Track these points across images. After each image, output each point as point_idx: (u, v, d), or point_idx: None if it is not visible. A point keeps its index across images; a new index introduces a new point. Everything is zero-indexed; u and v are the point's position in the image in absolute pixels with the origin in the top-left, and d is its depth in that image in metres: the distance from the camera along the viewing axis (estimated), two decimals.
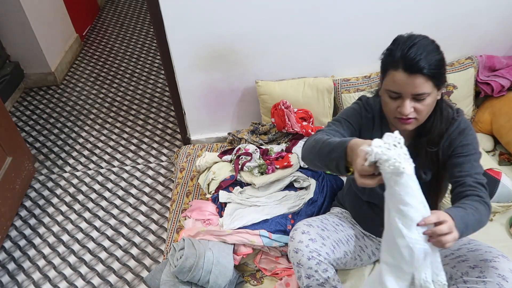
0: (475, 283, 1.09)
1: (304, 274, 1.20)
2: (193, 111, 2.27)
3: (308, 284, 1.21)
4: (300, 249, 1.21)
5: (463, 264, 1.16)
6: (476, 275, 1.10)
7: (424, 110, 1.09)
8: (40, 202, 2.30)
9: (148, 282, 1.55)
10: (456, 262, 1.19)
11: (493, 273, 1.08)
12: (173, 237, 1.71)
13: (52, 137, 2.75)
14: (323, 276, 1.20)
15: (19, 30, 2.87)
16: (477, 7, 1.95)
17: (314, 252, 1.20)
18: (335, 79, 2.09)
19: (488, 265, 1.10)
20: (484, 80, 2.04)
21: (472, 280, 1.10)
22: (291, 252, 1.24)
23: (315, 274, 1.19)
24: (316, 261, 1.20)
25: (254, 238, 1.51)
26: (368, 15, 1.92)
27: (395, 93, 1.08)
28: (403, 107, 1.07)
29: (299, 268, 1.22)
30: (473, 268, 1.13)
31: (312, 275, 1.20)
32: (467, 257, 1.17)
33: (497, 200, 1.63)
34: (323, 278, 1.20)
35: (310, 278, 1.20)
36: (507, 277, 1.06)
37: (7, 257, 2.02)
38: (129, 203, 2.26)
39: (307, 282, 1.21)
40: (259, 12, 1.88)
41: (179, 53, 1.99)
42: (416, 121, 1.11)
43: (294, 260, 1.23)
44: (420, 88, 1.04)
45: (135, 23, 4.16)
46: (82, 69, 3.47)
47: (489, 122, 2.01)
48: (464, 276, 1.13)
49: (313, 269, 1.19)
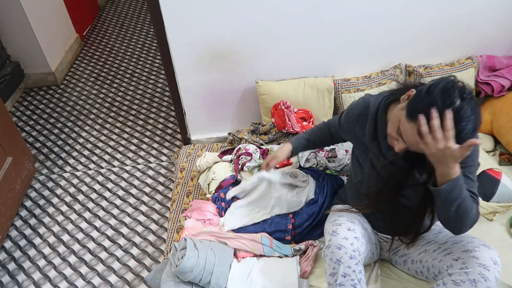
0: (459, 275, 1.10)
1: (342, 272, 1.17)
2: (193, 111, 2.27)
3: (342, 283, 1.18)
4: (344, 246, 1.19)
5: (448, 257, 1.18)
6: (459, 266, 1.12)
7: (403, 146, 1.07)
8: (41, 202, 2.30)
9: (148, 282, 1.55)
10: (443, 256, 1.20)
11: (474, 263, 1.09)
12: (174, 237, 1.71)
13: (52, 137, 2.75)
14: (358, 277, 1.18)
15: (20, 30, 2.87)
16: (477, 7, 1.95)
17: (356, 251, 1.19)
18: (335, 79, 2.09)
19: (470, 255, 1.12)
20: (484, 80, 2.04)
21: (456, 273, 1.11)
22: (331, 247, 1.21)
23: (352, 274, 1.17)
24: (356, 260, 1.18)
25: (256, 246, 1.51)
26: (369, 15, 1.92)
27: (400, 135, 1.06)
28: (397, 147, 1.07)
29: (337, 265, 1.18)
30: (457, 260, 1.14)
31: (349, 274, 1.17)
32: (451, 249, 1.19)
33: (497, 200, 1.63)
34: (357, 279, 1.18)
35: (346, 277, 1.17)
36: (488, 266, 1.08)
37: (8, 257, 2.02)
38: (129, 203, 2.26)
39: (342, 280, 1.18)
40: (260, 12, 1.87)
41: (179, 53, 1.99)
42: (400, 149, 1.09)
43: (333, 256, 1.19)
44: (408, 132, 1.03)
45: (135, 23, 4.16)
46: (82, 69, 3.48)
47: (489, 122, 2.01)
48: (449, 269, 1.15)
49: (351, 269, 1.17)
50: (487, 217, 1.62)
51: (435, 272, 1.23)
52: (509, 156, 1.90)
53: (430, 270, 1.25)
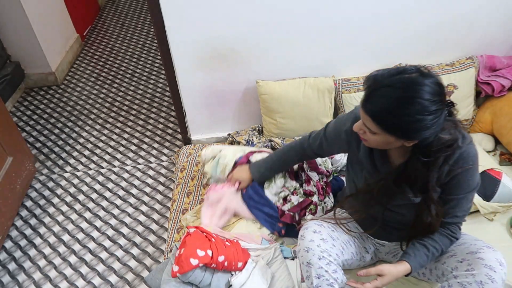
0: (465, 277, 1.10)
1: (314, 274, 1.19)
2: (194, 111, 2.27)
3: (318, 284, 1.19)
4: (311, 248, 1.20)
5: (452, 259, 1.17)
6: (464, 268, 1.11)
7: (372, 142, 1.08)
8: (41, 202, 2.30)
9: (148, 282, 1.55)
10: (446, 258, 1.20)
11: (480, 265, 1.09)
12: (174, 237, 1.71)
13: (52, 137, 2.76)
14: (332, 277, 1.19)
15: (20, 30, 2.87)
16: (477, 7, 1.95)
17: (325, 252, 1.20)
18: (335, 79, 2.09)
19: (475, 257, 1.11)
20: (485, 80, 2.04)
21: (462, 275, 1.11)
22: (301, 251, 1.23)
23: (325, 274, 1.18)
24: (326, 261, 1.19)
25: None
26: (369, 15, 1.92)
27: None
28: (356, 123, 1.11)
29: (308, 268, 1.20)
30: (461, 262, 1.14)
31: (322, 275, 1.19)
32: (455, 252, 1.19)
33: (498, 200, 1.63)
34: (332, 278, 1.19)
35: (320, 278, 1.19)
36: (494, 267, 1.07)
37: (8, 257, 2.02)
38: (129, 203, 2.27)
39: (317, 282, 1.19)
40: (260, 12, 1.87)
41: (180, 53, 1.99)
42: (367, 143, 1.11)
43: (303, 260, 1.22)
44: (365, 121, 1.04)
45: (135, 23, 4.16)
46: (82, 69, 3.48)
47: (489, 122, 2.01)
48: (454, 271, 1.14)
49: (323, 269, 1.18)
50: (487, 217, 1.62)
51: (438, 274, 1.22)
52: (510, 156, 1.90)
53: (432, 271, 1.25)
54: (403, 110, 0.94)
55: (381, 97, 0.97)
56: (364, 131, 1.08)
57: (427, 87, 0.92)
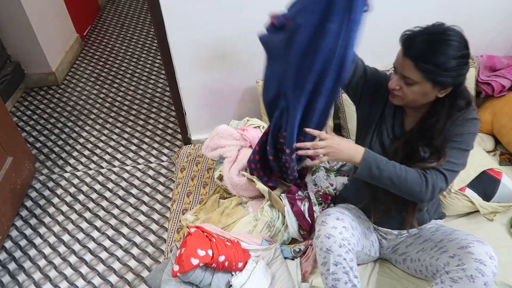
0: (456, 272, 1.11)
1: (333, 261, 1.20)
2: (194, 111, 2.27)
3: (334, 271, 1.20)
4: (333, 235, 1.20)
5: (444, 255, 1.18)
6: (456, 263, 1.12)
7: (409, 95, 1.15)
8: (41, 202, 2.30)
9: (148, 282, 1.55)
10: (439, 254, 1.21)
11: (470, 259, 1.10)
12: (174, 237, 1.71)
13: (52, 137, 2.76)
14: (349, 265, 1.20)
15: (20, 30, 2.87)
16: (478, 7, 1.95)
17: (345, 240, 1.20)
18: None
19: (465, 251, 1.12)
20: (485, 80, 2.04)
21: (453, 270, 1.12)
22: (321, 237, 1.22)
23: (343, 262, 1.19)
24: (346, 249, 1.20)
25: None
26: (369, 14, 1.91)
27: (394, 67, 1.17)
28: (391, 80, 1.18)
29: (327, 254, 1.20)
30: (453, 257, 1.14)
31: (340, 262, 1.19)
32: (447, 247, 1.20)
33: (498, 200, 1.63)
34: (348, 267, 1.20)
35: (338, 265, 1.20)
36: (484, 261, 1.08)
37: (8, 257, 2.02)
38: (129, 203, 2.27)
39: (334, 269, 1.20)
40: (260, 12, 1.87)
41: (180, 53, 1.99)
42: (401, 100, 1.19)
43: (323, 246, 1.21)
44: (406, 71, 1.11)
45: (135, 23, 4.16)
46: (82, 69, 3.48)
47: (490, 122, 2.01)
48: (446, 266, 1.15)
49: (342, 257, 1.19)
50: (487, 217, 1.62)
51: (433, 270, 1.23)
52: (510, 156, 1.90)
53: (428, 268, 1.26)
54: (443, 50, 1.06)
55: (421, 42, 1.08)
56: (400, 87, 1.16)
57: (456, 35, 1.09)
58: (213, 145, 1.85)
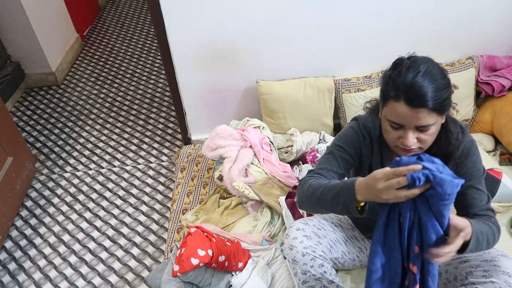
0: (483, 283, 1.10)
1: (300, 270, 1.20)
2: (194, 111, 2.27)
3: (305, 280, 1.20)
4: (294, 246, 1.20)
5: (465, 265, 1.16)
6: (481, 274, 1.11)
7: (429, 140, 1.06)
8: (41, 202, 2.30)
9: (149, 282, 1.55)
10: (458, 263, 1.19)
11: (498, 271, 1.09)
12: (174, 237, 1.71)
13: (53, 137, 2.76)
14: (319, 271, 1.19)
15: (20, 31, 2.87)
16: (478, 7, 1.95)
17: (308, 248, 1.19)
18: (336, 79, 2.09)
19: (490, 264, 1.11)
20: (485, 80, 2.04)
21: (480, 281, 1.11)
22: (286, 249, 1.24)
23: (311, 270, 1.19)
24: (310, 257, 1.19)
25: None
26: (369, 15, 1.92)
27: (397, 124, 1.04)
28: (406, 140, 1.04)
29: (294, 265, 1.21)
30: (476, 268, 1.13)
31: (308, 270, 1.19)
32: (467, 258, 1.18)
33: (498, 200, 1.63)
34: (319, 273, 1.19)
35: (307, 273, 1.19)
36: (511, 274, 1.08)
37: (8, 257, 2.02)
38: (129, 203, 2.27)
39: (304, 277, 1.20)
40: (260, 12, 1.88)
41: (180, 53, 1.99)
42: (420, 150, 1.08)
43: (289, 257, 1.23)
44: (425, 121, 1.00)
45: (135, 23, 4.16)
46: (82, 69, 3.48)
47: (490, 122, 2.01)
48: (469, 276, 1.14)
49: (308, 265, 1.19)
50: None
51: (448, 277, 1.22)
52: (510, 156, 1.90)
53: (442, 275, 1.24)
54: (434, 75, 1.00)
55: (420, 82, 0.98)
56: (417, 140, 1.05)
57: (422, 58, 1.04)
58: (213, 145, 1.85)
